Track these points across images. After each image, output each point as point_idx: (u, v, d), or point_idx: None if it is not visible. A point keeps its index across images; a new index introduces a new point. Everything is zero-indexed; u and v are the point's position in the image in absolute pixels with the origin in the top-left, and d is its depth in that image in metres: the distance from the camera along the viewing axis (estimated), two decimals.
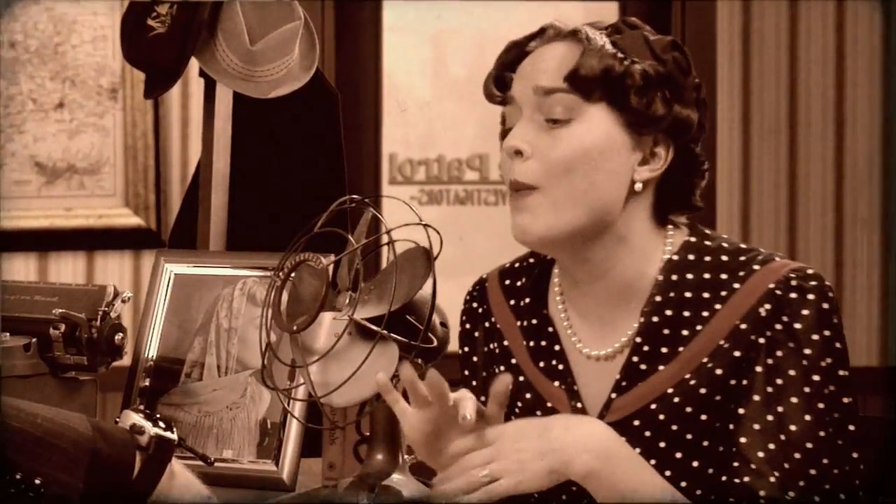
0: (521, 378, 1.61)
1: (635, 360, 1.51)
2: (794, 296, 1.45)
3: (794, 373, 1.44)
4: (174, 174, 3.54)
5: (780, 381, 1.45)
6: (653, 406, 1.49)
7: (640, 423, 1.50)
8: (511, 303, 1.65)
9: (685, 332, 1.50)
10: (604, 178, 1.49)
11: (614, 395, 1.52)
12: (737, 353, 1.47)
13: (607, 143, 1.49)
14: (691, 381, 1.48)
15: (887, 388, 3.43)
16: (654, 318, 1.51)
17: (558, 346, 1.58)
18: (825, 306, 1.45)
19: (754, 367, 1.46)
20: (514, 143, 1.51)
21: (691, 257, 1.53)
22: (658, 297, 1.51)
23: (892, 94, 3.54)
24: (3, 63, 3.50)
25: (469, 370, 1.71)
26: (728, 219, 3.56)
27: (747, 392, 1.46)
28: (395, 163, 3.72)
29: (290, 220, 1.62)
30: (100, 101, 3.53)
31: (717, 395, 1.47)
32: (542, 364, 1.59)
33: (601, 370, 1.55)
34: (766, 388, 1.45)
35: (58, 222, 3.54)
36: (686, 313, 1.50)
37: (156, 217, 3.52)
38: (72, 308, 1.90)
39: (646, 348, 1.51)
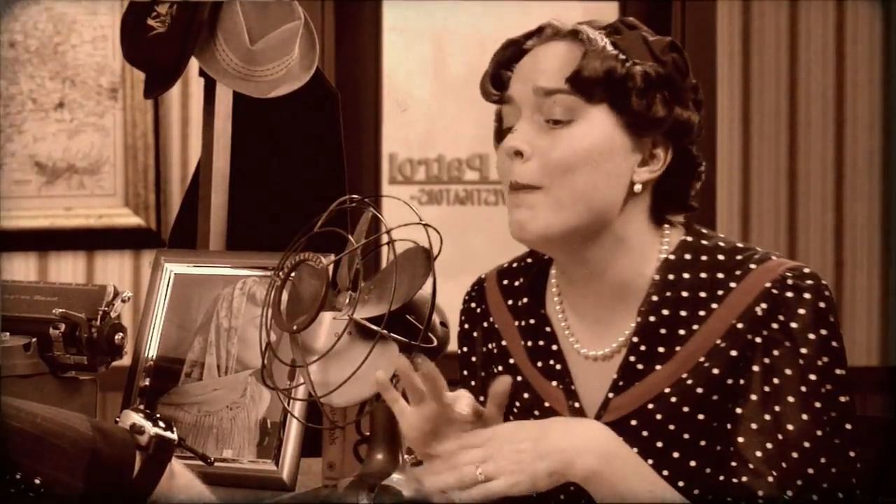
0: (518, 378, 1.61)
1: (632, 359, 1.51)
2: (790, 295, 1.45)
3: (790, 372, 1.44)
4: (174, 174, 3.54)
5: (776, 380, 1.45)
6: (650, 406, 1.50)
7: (638, 423, 1.50)
8: (509, 303, 1.65)
9: (682, 332, 1.50)
10: (604, 180, 1.49)
11: (611, 395, 1.52)
12: (733, 353, 1.47)
13: (608, 144, 1.49)
14: (688, 380, 1.48)
15: (887, 388, 3.42)
16: (651, 318, 1.51)
17: (556, 346, 1.58)
18: (822, 305, 1.45)
19: (751, 366, 1.46)
20: (514, 144, 1.50)
21: (688, 257, 1.53)
22: (655, 297, 1.51)
23: (892, 94, 3.54)
24: (3, 63, 3.50)
25: (468, 370, 1.71)
26: (728, 219, 3.55)
27: (744, 392, 1.46)
28: (395, 162, 3.72)
29: (290, 219, 1.62)
30: (100, 101, 3.53)
31: (714, 395, 1.47)
32: (539, 364, 1.59)
33: (599, 370, 1.55)
34: (763, 387, 1.45)
35: (58, 222, 3.54)
36: (683, 313, 1.50)
37: (156, 217, 3.52)
38: (72, 308, 1.90)
39: (643, 348, 1.51)
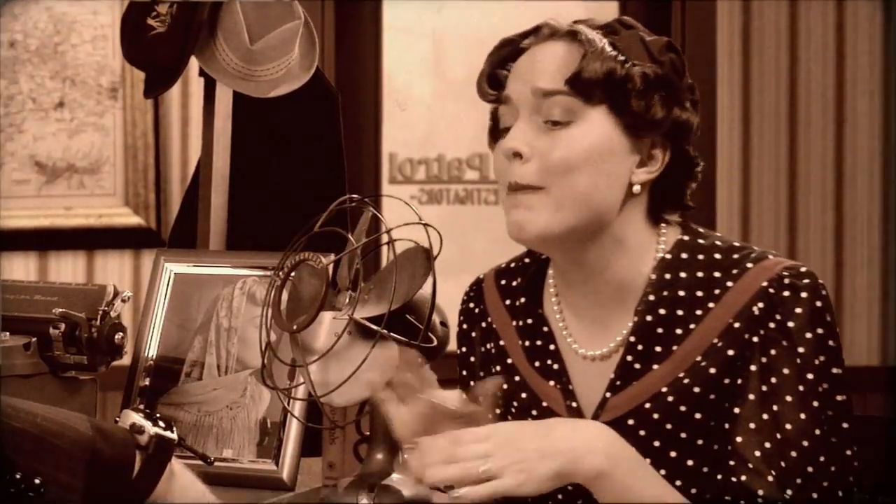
0: (516, 378, 1.61)
1: (629, 359, 1.51)
2: (787, 294, 1.45)
3: (788, 371, 1.44)
4: (174, 174, 3.54)
5: (774, 379, 1.45)
6: (647, 405, 1.50)
7: (635, 423, 1.50)
8: (507, 303, 1.65)
9: (679, 331, 1.50)
10: (604, 181, 1.49)
11: (609, 395, 1.52)
12: (730, 352, 1.47)
13: (607, 145, 1.49)
14: (685, 379, 1.48)
15: (887, 388, 3.42)
16: (648, 318, 1.51)
17: (553, 346, 1.58)
18: (818, 304, 1.45)
19: (749, 366, 1.46)
20: (513, 145, 1.50)
21: (685, 256, 1.53)
22: (652, 297, 1.51)
23: (892, 94, 3.54)
24: (3, 63, 3.50)
25: (466, 370, 1.71)
26: (728, 218, 3.55)
27: (742, 391, 1.46)
28: (395, 162, 3.72)
29: (290, 219, 1.62)
30: (100, 101, 3.53)
31: (711, 394, 1.47)
32: (537, 364, 1.59)
33: (596, 369, 1.55)
34: (760, 386, 1.45)
35: (58, 222, 3.54)
36: (680, 312, 1.50)
37: (156, 216, 3.52)
38: (72, 307, 1.90)
39: (640, 347, 1.51)
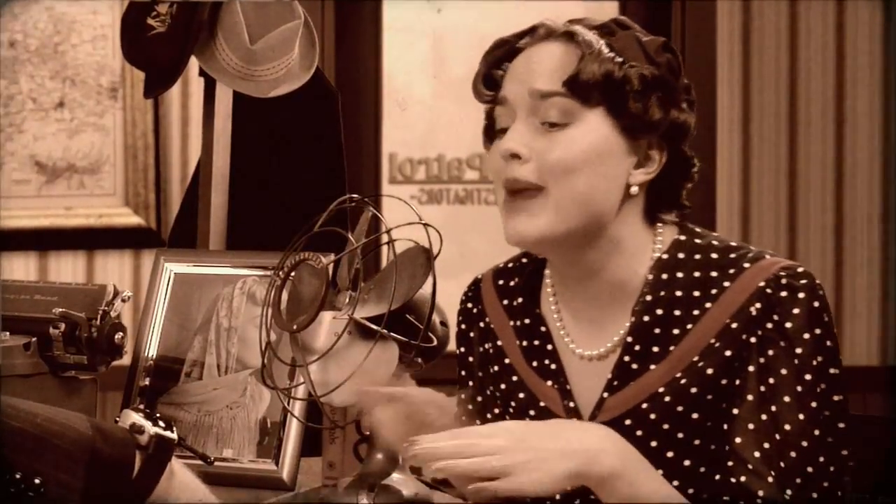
0: (514, 378, 1.61)
1: (627, 359, 1.51)
2: (784, 294, 1.45)
3: (786, 372, 1.44)
4: (174, 174, 3.54)
5: (772, 380, 1.44)
6: (644, 405, 1.49)
7: (632, 423, 1.49)
8: (504, 303, 1.65)
9: (676, 331, 1.49)
10: (602, 183, 1.48)
11: (606, 395, 1.52)
12: (728, 353, 1.46)
13: (604, 147, 1.48)
14: (682, 380, 1.48)
15: (887, 388, 3.42)
16: (645, 318, 1.51)
17: (551, 346, 1.58)
18: (816, 304, 1.45)
19: (747, 366, 1.46)
20: (510, 147, 1.49)
21: (681, 256, 1.52)
22: (649, 297, 1.51)
23: (892, 94, 3.54)
24: (3, 62, 3.50)
25: (465, 370, 1.71)
26: (728, 219, 3.55)
27: (740, 392, 1.46)
28: (395, 162, 3.72)
29: (290, 219, 1.62)
30: (100, 101, 3.53)
31: (709, 395, 1.47)
32: (534, 364, 1.59)
33: (593, 369, 1.54)
34: (759, 387, 1.45)
35: (58, 222, 3.54)
36: (677, 312, 1.50)
37: (156, 216, 3.52)
38: (72, 307, 1.90)
39: (637, 348, 1.51)
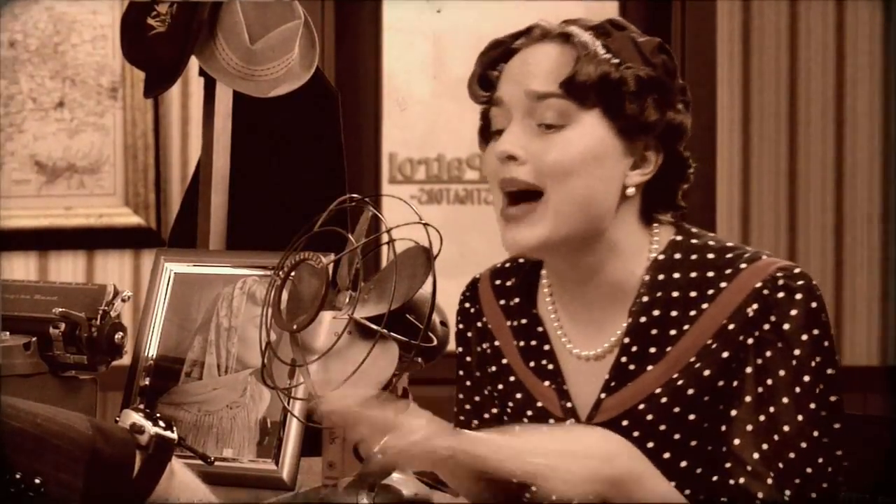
0: (511, 378, 1.61)
1: (624, 360, 1.51)
2: (781, 295, 1.45)
3: (784, 373, 1.44)
4: (174, 173, 3.54)
5: (770, 381, 1.44)
6: (641, 406, 1.49)
7: (629, 424, 1.49)
8: (501, 303, 1.65)
9: (673, 332, 1.49)
10: (600, 185, 1.48)
11: (604, 396, 1.52)
12: (725, 354, 1.46)
13: (601, 148, 1.48)
14: (679, 381, 1.48)
15: (887, 388, 3.42)
16: (642, 319, 1.50)
17: (548, 346, 1.58)
18: (813, 305, 1.45)
19: (744, 368, 1.45)
20: (506, 148, 1.49)
21: (678, 256, 1.52)
22: (645, 298, 1.51)
23: (892, 94, 3.54)
24: (3, 62, 3.50)
25: (463, 370, 1.71)
26: (728, 218, 3.55)
27: (738, 393, 1.45)
28: (395, 162, 3.72)
29: (290, 219, 1.62)
30: (100, 101, 3.53)
31: (706, 396, 1.47)
32: (532, 364, 1.59)
33: (591, 370, 1.54)
34: (756, 388, 1.45)
35: (58, 221, 3.54)
36: (674, 313, 1.49)
37: (156, 216, 3.52)
38: (72, 307, 1.90)
39: (634, 349, 1.51)
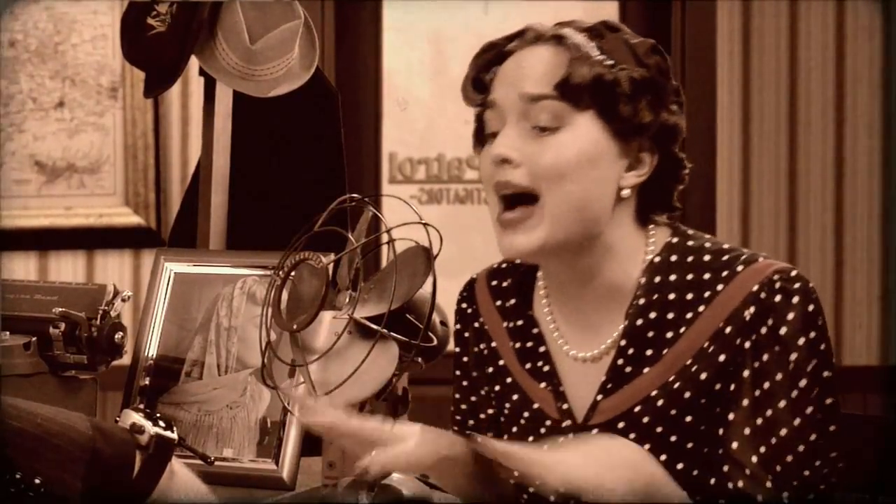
0: (508, 379, 1.61)
1: (620, 362, 1.51)
2: (778, 299, 1.44)
3: (780, 377, 1.43)
4: (174, 173, 3.54)
5: (767, 385, 1.44)
6: (637, 409, 1.49)
7: (626, 426, 1.49)
8: (497, 303, 1.65)
9: (669, 335, 1.49)
10: (595, 187, 1.48)
11: (600, 397, 1.51)
12: (722, 358, 1.46)
13: (596, 151, 1.47)
14: (675, 384, 1.47)
15: (887, 388, 3.42)
16: (639, 321, 1.50)
17: (543, 348, 1.58)
18: (810, 308, 1.44)
19: (741, 371, 1.45)
20: (500, 151, 1.48)
21: (674, 258, 1.51)
22: (642, 300, 1.50)
23: (892, 94, 3.54)
24: (3, 62, 3.50)
25: (460, 370, 1.71)
26: (728, 219, 3.55)
27: (736, 397, 1.45)
28: (394, 162, 3.72)
29: (290, 219, 1.62)
30: (100, 100, 3.53)
31: (702, 399, 1.46)
32: (528, 365, 1.59)
33: (587, 372, 1.54)
34: (754, 392, 1.44)
35: (58, 221, 3.54)
36: (670, 315, 1.49)
37: (156, 216, 3.52)
38: (72, 307, 1.90)
39: (630, 351, 1.50)
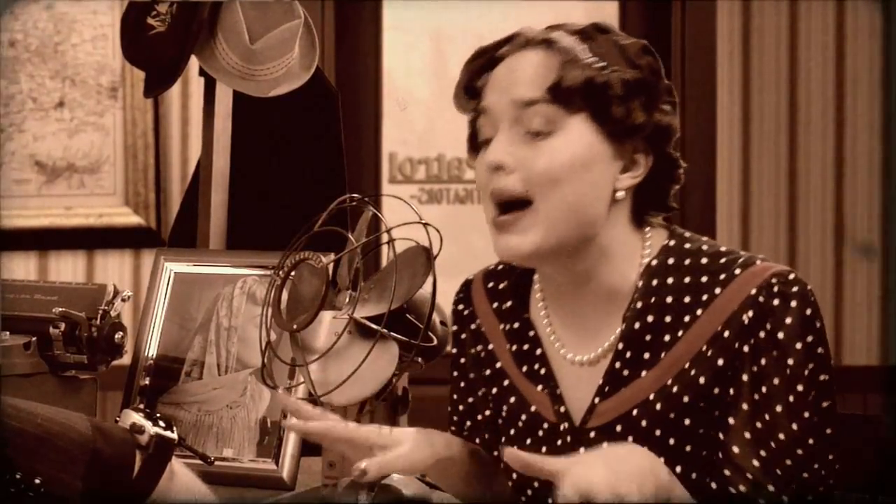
0: (505, 382, 1.60)
1: (618, 365, 1.50)
2: (777, 303, 1.44)
3: (778, 381, 1.43)
4: (174, 173, 3.54)
5: (765, 388, 1.44)
6: (634, 412, 1.48)
7: (623, 429, 1.49)
8: (494, 305, 1.64)
9: (667, 338, 1.48)
10: (590, 191, 1.47)
11: (597, 400, 1.51)
12: (720, 362, 1.45)
13: (589, 154, 1.47)
14: (673, 387, 1.47)
15: (887, 388, 3.42)
16: (636, 325, 1.50)
17: (540, 350, 1.58)
18: (808, 312, 1.44)
19: (740, 375, 1.45)
20: (494, 158, 1.48)
21: (671, 261, 1.51)
22: (639, 303, 1.50)
23: (892, 94, 3.54)
24: (3, 62, 3.50)
25: (457, 371, 1.71)
26: (728, 219, 3.55)
27: (735, 401, 1.45)
28: (394, 162, 3.72)
29: (290, 219, 1.62)
30: (100, 100, 3.53)
31: (700, 402, 1.46)
32: (525, 368, 1.58)
33: (584, 375, 1.54)
34: (753, 396, 1.44)
35: (58, 221, 3.54)
36: (668, 318, 1.49)
37: (156, 216, 3.52)
38: (72, 307, 1.90)
39: (628, 355, 1.50)
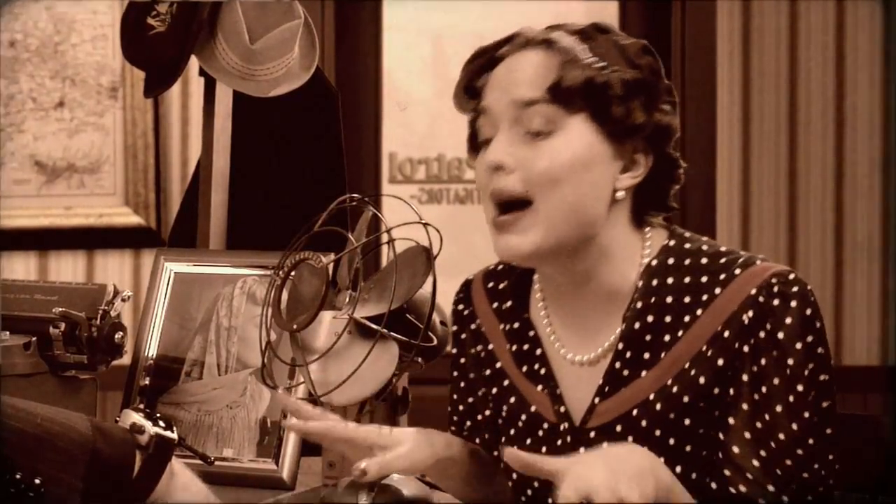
0: (505, 382, 1.60)
1: (618, 365, 1.50)
2: (777, 303, 1.44)
3: (778, 381, 1.43)
4: (174, 173, 3.54)
5: (765, 388, 1.44)
6: (634, 412, 1.48)
7: (623, 429, 1.49)
8: (494, 305, 1.64)
9: (667, 338, 1.48)
10: (590, 191, 1.47)
11: (597, 400, 1.51)
12: (720, 362, 1.45)
13: (589, 153, 1.47)
14: (673, 388, 1.47)
15: (887, 388, 3.42)
16: (636, 325, 1.50)
17: (540, 350, 1.58)
18: (808, 312, 1.44)
19: (740, 375, 1.45)
20: (494, 158, 1.48)
21: (671, 261, 1.51)
22: (639, 303, 1.50)
23: (892, 94, 3.54)
24: (3, 62, 3.50)
25: (457, 371, 1.71)
26: (728, 219, 3.55)
27: (735, 401, 1.45)
28: (395, 162, 3.72)
29: (290, 219, 1.62)
30: (100, 100, 3.53)
31: (700, 402, 1.46)
32: (525, 368, 1.58)
33: (584, 375, 1.54)
34: (753, 396, 1.44)
35: (58, 221, 3.54)
36: (668, 318, 1.49)
37: (156, 216, 3.52)
38: (72, 307, 1.90)
39: (628, 355, 1.50)
